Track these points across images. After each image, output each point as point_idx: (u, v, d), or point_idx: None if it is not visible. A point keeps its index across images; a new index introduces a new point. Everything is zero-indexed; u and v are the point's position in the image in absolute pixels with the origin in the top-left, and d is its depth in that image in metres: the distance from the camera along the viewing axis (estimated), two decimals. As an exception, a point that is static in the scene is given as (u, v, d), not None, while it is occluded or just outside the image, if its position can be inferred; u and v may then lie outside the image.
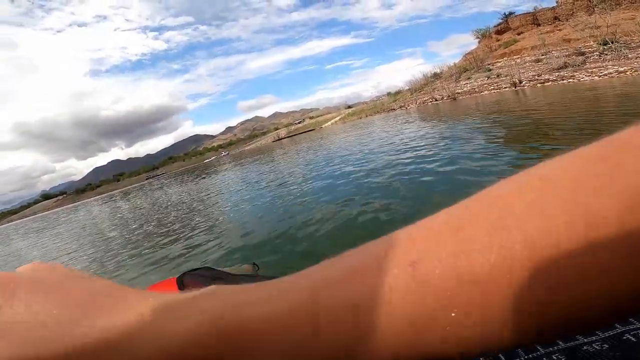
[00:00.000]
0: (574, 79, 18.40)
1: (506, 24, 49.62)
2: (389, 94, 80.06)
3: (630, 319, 0.34)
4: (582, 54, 22.86)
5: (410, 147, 6.57)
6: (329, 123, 79.76)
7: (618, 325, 0.33)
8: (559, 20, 40.25)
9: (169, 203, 9.97)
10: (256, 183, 8.45)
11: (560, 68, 21.90)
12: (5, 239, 19.82)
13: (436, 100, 35.71)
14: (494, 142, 5.16)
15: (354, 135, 15.55)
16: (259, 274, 0.96)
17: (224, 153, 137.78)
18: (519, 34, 45.68)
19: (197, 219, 5.61)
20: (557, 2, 42.09)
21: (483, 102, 15.72)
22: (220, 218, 5.15)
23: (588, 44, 24.12)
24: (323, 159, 9.19)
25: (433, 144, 6.31)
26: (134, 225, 7.62)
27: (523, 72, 25.75)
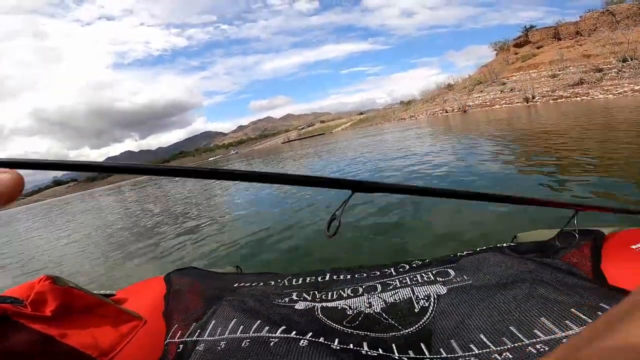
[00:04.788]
0: (588, 96, 17.71)
1: (526, 37, 48.39)
2: (401, 102, 79.63)
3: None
4: (600, 70, 22.09)
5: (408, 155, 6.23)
6: (339, 128, 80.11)
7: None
8: (581, 35, 39.12)
9: (169, 198, 9.78)
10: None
11: (576, 84, 21.17)
12: (14, 221, 20.08)
13: (446, 112, 35.16)
14: (499, 160, 4.81)
15: (359, 140, 15.24)
16: (243, 272, 0.98)
17: (233, 151, 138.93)
18: (538, 48, 44.50)
19: (193, 218, 5.31)
20: (580, 17, 40.96)
21: (494, 117, 15.26)
22: (215, 218, 4.86)
23: (607, 60, 23.30)
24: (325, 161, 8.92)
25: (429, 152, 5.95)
26: (128, 220, 7.40)
27: (537, 87, 25.04)
